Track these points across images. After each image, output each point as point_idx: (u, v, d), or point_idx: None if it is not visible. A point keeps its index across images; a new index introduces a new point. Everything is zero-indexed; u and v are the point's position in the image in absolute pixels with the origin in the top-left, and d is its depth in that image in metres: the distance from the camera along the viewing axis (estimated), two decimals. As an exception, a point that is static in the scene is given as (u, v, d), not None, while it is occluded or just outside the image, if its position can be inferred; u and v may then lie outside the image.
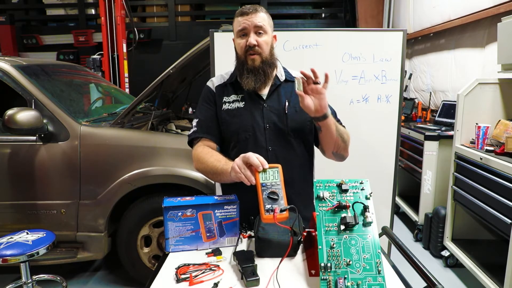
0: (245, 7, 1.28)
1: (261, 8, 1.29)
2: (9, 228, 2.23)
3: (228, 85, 1.38)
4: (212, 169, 1.22)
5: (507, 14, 2.38)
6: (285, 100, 1.33)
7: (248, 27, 1.26)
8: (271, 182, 1.01)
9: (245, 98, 1.33)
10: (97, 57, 4.59)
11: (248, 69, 1.29)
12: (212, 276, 0.97)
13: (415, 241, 3.12)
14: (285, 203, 0.99)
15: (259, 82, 1.29)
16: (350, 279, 0.87)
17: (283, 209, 0.97)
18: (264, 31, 1.28)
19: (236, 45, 1.33)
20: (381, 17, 5.06)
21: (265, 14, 1.30)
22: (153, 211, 2.24)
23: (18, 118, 2.01)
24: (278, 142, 1.31)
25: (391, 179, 2.28)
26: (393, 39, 2.16)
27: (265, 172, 1.03)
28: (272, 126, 1.31)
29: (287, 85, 1.37)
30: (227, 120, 1.33)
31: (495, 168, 2.07)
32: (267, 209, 0.97)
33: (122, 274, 2.53)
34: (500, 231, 2.06)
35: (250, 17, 1.26)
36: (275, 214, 0.95)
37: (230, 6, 5.72)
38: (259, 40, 1.27)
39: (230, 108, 1.33)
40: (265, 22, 1.28)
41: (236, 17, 1.30)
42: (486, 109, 2.43)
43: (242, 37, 1.29)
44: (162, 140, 2.28)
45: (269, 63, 1.30)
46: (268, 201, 0.98)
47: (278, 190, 1.00)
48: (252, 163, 1.04)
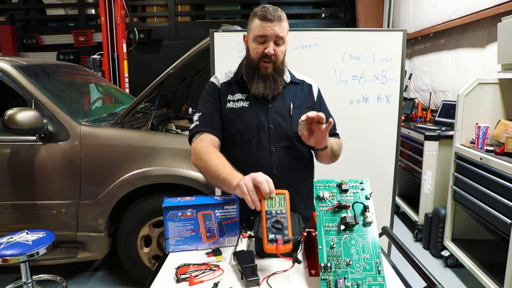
0: (268, 11, 1.21)
1: (283, 14, 1.24)
2: (9, 228, 2.23)
3: (233, 83, 1.36)
4: (214, 173, 1.15)
5: (507, 14, 2.38)
6: (289, 102, 1.33)
7: (270, 35, 1.21)
8: (276, 210, 0.97)
9: (250, 98, 1.32)
10: (97, 57, 4.59)
11: (260, 75, 1.27)
12: (212, 276, 0.97)
13: (415, 241, 3.12)
14: (290, 233, 0.95)
15: (268, 89, 1.28)
16: (350, 279, 0.87)
17: (287, 240, 0.93)
18: (283, 41, 1.25)
19: (251, 48, 1.28)
20: (381, 17, 5.06)
21: (287, 23, 1.26)
22: (153, 211, 2.24)
23: (18, 118, 2.01)
24: (281, 143, 1.31)
25: (391, 179, 2.28)
26: (393, 39, 2.16)
27: (271, 199, 0.98)
28: (276, 127, 1.30)
29: (291, 87, 1.37)
30: (231, 119, 1.31)
31: (495, 168, 2.07)
32: (270, 240, 0.93)
33: (122, 274, 2.53)
34: (500, 231, 2.06)
35: (274, 25, 1.21)
36: (278, 246, 0.92)
37: (230, 6, 5.72)
38: (277, 49, 1.24)
39: (234, 107, 1.32)
40: (285, 32, 1.25)
41: (257, 18, 1.23)
42: (486, 109, 2.43)
43: (261, 43, 1.24)
44: (162, 140, 2.28)
45: (280, 71, 1.29)
46: (271, 231, 0.94)
47: (283, 219, 0.96)
48: (262, 189, 0.98)
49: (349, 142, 1.72)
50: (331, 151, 1.30)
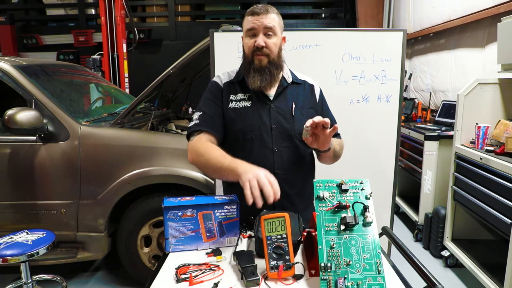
0: (256, 7, 1.26)
1: (272, 8, 1.27)
2: (9, 228, 2.23)
3: (235, 83, 1.36)
4: (215, 164, 1.14)
5: (507, 14, 2.38)
6: (291, 102, 1.33)
7: (257, 27, 1.24)
8: (276, 235, 0.97)
9: (252, 97, 1.32)
10: (97, 57, 4.59)
11: (255, 69, 1.28)
12: (212, 276, 0.97)
13: (415, 241, 3.12)
14: (292, 258, 0.95)
15: (264, 81, 1.28)
16: (350, 279, 0.87)
17: (289, 266, 0.94)
18: (273, 32, 1.26)
19: (244, 44, 1.31)
20: (381, 17, 5.06)
21: (276, 16, 1.28)
22: (153, 211, 2.24)
23: (18, 118, 2.01)
24: (284, 143, 1.31)
25: (391, 179, 2.28)
26: (393, 39, 2.16)
27: (271, 223, 0.99)
28: (278, 127, 1.30)
29: (293, 87, 1.37)
30: (233, 119, 1.31)
31: (495, 168, 2.07)
32: (272, 267, 0.94)
33: (122, 274, 2.53)
34: (500, 231, 2.06)
35: (261, 17, 1.24)
36: (280, 273, 0.93)
37: (230, 6, 5.72)
38: (268, 41, 1.26)
39: (236, 106, 1.32)
40: (275, 23, 1.26)
41: (246, 15, 1.28)
42: (486, 109, 2.43)
43: (251, 37, 1.27)
44: (162, 140, 2.28)
45: (276, 65, 1.29)
46: (273, 257, 0.95)
47: (283, 244, 0.96)
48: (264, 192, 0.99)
49: (349, 142, 1.72)
50: (333, 152, 1.31)
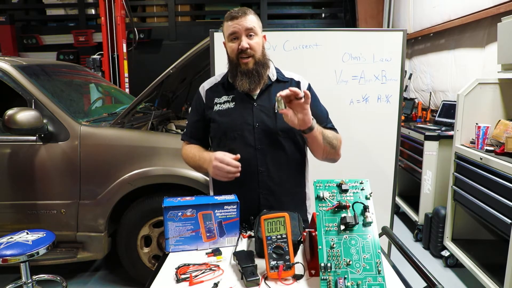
0: (233, 11, 1.30)
1: (249, 10, 1.31)
2: (9, 228, 2.23)
3: (220, 86, 1.40)
4: (192, 159, 1.38)
5: (507, 14, 2.38)
6: (275, 100, 1.32)
7: (239, 31, 1.28)
8: (276, 235, 0.97)
9: (235, 98, 1.35)
10: (97, 57, 4.59)
11: (242, 72, 1.30)
12: (212, 276, 0.97)
13: (415, 241, 3.12)
14: (292, 258, 0.95)
15: (253, 83, 1.31)
16: (350, 279, 0.87)
17: (289, 266, 0.94)
18: (255, 33, 1.29)
19: (228, 48, 1.34)
20: (381, 17, 5.06)
21: (254, 16, 1.31)
22: (153, 211, 2.24)
23: (18, 118, 2.01)
24: (267, 141, 1.32)
25: (391, 179, 2.28)
26: (393, 39, 2.16)
27: (271, 223, 0.98)
28: (261, 125, 1.32)
29: (278, 85, 1.37)
30: (217, 120, 1.36)
31: (495, 168, 2.07)
32: (272, 267, 0.94)
33: (122, 274, 2.53)
34: (500, 231, 2.06)
35: (240, 20, 1.27)
36: (280, 273, 0.93)
37: (230, 6, 5.70)
38: (251, 42, 1.28)
39: (221, 109, 1.36)
40: (255, 23, 1.30)
41: (225, 21, 1.32)
42: (486, 109, 2.43)
43: (234, 40, 1.30)
44: (162, 140, 2.28)
45: (262, 64, 1.32)
46: (272, 257, 0.95)
47: (283, 244, 0.97)
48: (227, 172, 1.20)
49: (349, 142, 1.72)
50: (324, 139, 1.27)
